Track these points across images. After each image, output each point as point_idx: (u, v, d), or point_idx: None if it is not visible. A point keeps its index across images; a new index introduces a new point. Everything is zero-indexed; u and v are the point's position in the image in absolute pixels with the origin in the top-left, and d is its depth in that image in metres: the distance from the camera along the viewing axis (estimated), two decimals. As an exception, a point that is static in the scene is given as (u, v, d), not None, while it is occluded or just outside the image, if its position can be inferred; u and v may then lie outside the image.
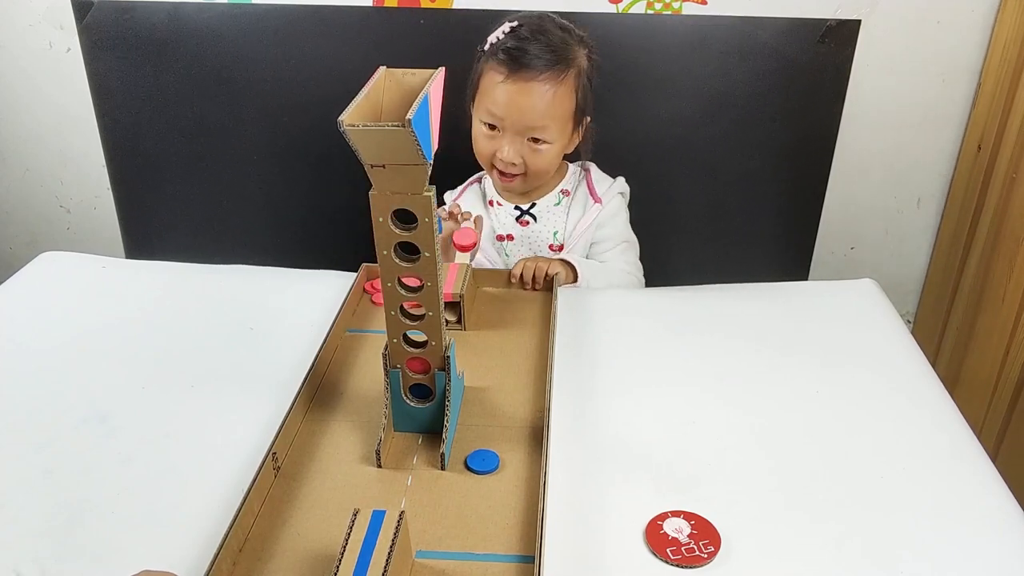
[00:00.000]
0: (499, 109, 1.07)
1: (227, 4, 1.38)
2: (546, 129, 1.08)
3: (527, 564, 0.65)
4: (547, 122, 1.07)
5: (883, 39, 1.44)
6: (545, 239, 1.19)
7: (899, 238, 1.65)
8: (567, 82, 1.07)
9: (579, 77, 1.09)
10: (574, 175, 1.22)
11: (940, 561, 0.67)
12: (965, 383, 1.50)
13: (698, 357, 0.93)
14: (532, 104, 1.05)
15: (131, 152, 1.48)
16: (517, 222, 1.18)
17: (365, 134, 0.62)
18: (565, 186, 1.20)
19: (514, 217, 1.19)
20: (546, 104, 1.06)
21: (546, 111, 1.06)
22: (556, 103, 1.07)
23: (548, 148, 1.10)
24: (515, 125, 1.07)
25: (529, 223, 1.18)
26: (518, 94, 1.05)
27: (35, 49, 1.58)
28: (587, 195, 1.21)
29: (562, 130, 1.10)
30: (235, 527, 0.65)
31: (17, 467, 0.77)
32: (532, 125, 1.07)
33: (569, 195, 1.20)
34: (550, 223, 1.19)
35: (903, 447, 0.80)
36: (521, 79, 1.05)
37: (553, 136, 1.09)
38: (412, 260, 0.70)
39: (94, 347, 0.94)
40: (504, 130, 1.09)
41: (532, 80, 1.04)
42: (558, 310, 0.97)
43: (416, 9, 1.41)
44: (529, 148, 1.09)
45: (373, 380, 0.88)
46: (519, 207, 1.20)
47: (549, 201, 1.19)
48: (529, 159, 1.10)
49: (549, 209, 1.19)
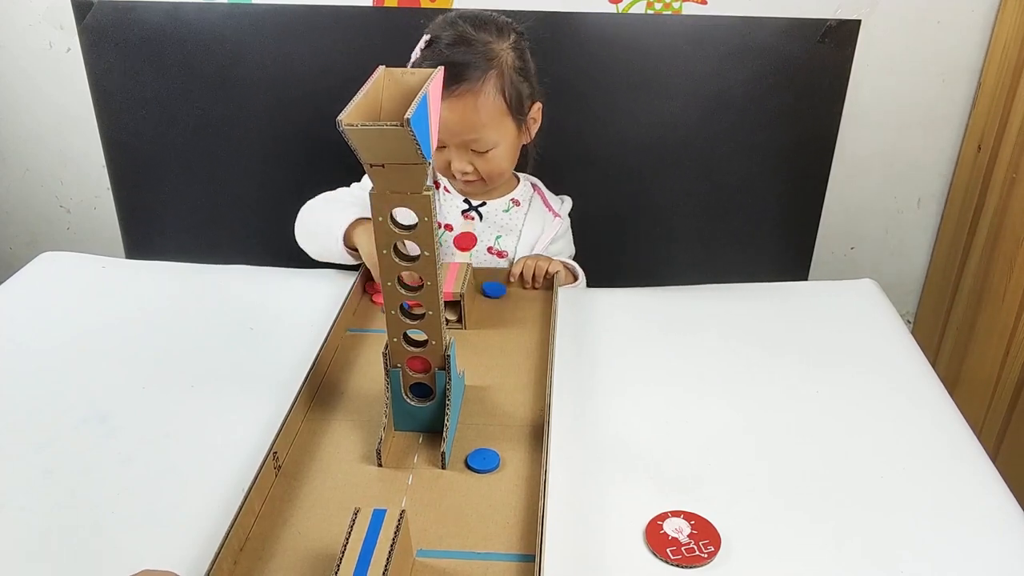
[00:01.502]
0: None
1: (227, 4, 1.38)
2: (482, 138, 1.06)
3: (527, 563, 0.65)
4: (480, 132, 1.06)
5: (883, 39, 1.44)
6: (486, 240, 1.17)
7: (899, 238, 1.65)
8: (488, 86, 1.04)
9: (502, 75, 1.06)
10: (525, 189, 1.21)
11: (940, 561, 0.67)
12: (965, 383, 1.50)
13: (698, 357, 0.93)
14: (459, 118, 1.04)
15: (131, 152, 1.48)
16: (462, 215, 1.17)
17: (364, 134, 0.62)
18: (516, 196, 1.19)
19: (460, 210, 1.18)
20: (472, 115, 1.04)
21: (475, 121, 1.05)
22: (483, 110, 1.05)
23: (495, 152, 1.08)
24: (453, 140, 1.07)
25: (473, 219, 1.18)
26: (445, 112, 1.04)
27: (35, 49, 1.58)
28: (544, 209, 1.20)
29: (501, 131, 1.08)
30: (236, 526, 0.65)
31: (17, 467, 0.77)
32: (467, 138, 1.06)
33: (519, 205, 1.19)
34: (495, 226, 1.17)
35: (903, 447, 0.80)
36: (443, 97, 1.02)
37: (494, 140, 1.07)
38: (412, 259, 0.70)
39: (94, 347, 0.94)
40: (448, 146, 1.08)
41: (452, 96, 1.03)
42: (558, 309, 0.97)
43: (416, 9, 1.41)
44: (477, 157, 1.08)
45: (373, 379, 0.88)
46: (467, 200, 1.18)
47: (498, 206, 1.18)
48: (480, 166, 1.09)
49: (497, 213, 1.18)
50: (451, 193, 1.18)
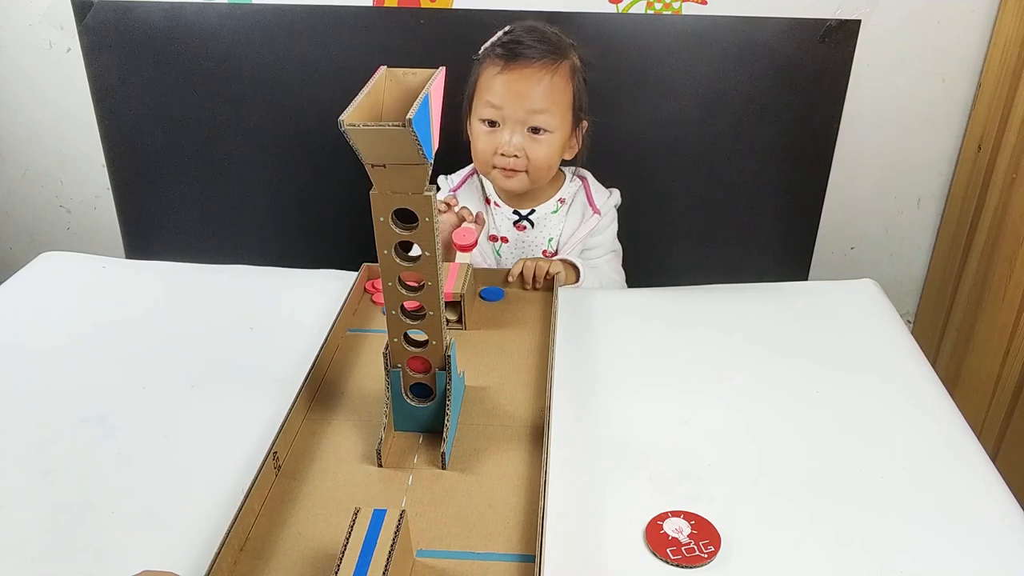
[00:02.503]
0: (498, 98, 1.10)
1: (227, 4, 1.38)
2: (545, 113, 1.09)
3: (527, 563, 0.65)
4: (546, 106, 1.09)
5: (883, 39, 1.44)
6: (540, 245, 1.20)
7: (899, 238, 1.65)
8: (562, 71, 1.10)
9: (574, 72, 1.12)
10: (571, 184, 1.23)
11: (940, 561, 0.67)
12: (965, 383, 1.50)
13: (698, 357, 0.93)
14: (530, 89, 1.08)
15: (131, 152, 1.48)
16: (514, 226, 1.19)
17: (365, 134, 0.62)
18: (562, 195, 1.22)
19: (511, 221, 1.20)
20: (544, 89, 1.09)
21: (544, 95, 1.09)
22: (553, 89, 1.09)
23: (548, 138, 1.11)
24: (515, 112, 1.09)
25: (526, 228, 1.19)
26: (516, 81, 1.08)
27: (35, 49, 1.58)
28: (585, 205, 1.22)
29: (562, 120, 1.11)
30: (236, 526, 0.65)
31: (17, 467, 0.76)
32: (532, 109, 1.09)
33: (565, 203, 1.21)
34: (546, 230, 1.20)
35: (903, 447, 0.80)
36: (518, 67, 1.08)
37: (553, 124, 1.10)
38: (412, 259, 0.70)
39: (94, 347, 0.94)
40: (504, 121, 1.11)
41: (528, 67, 1.08)
42: (558, 310, 0.97)
43: (416, 9, 1.41)
44: (530, 139, 1.11)
45: (374, 379, 0.88)
46: (517, 211, 1.20)
47: (547, 208, 1.20)
48: (530, 150, 1.11)
49: (547, 216, 1.20)
50: (500, 206, 1.21)
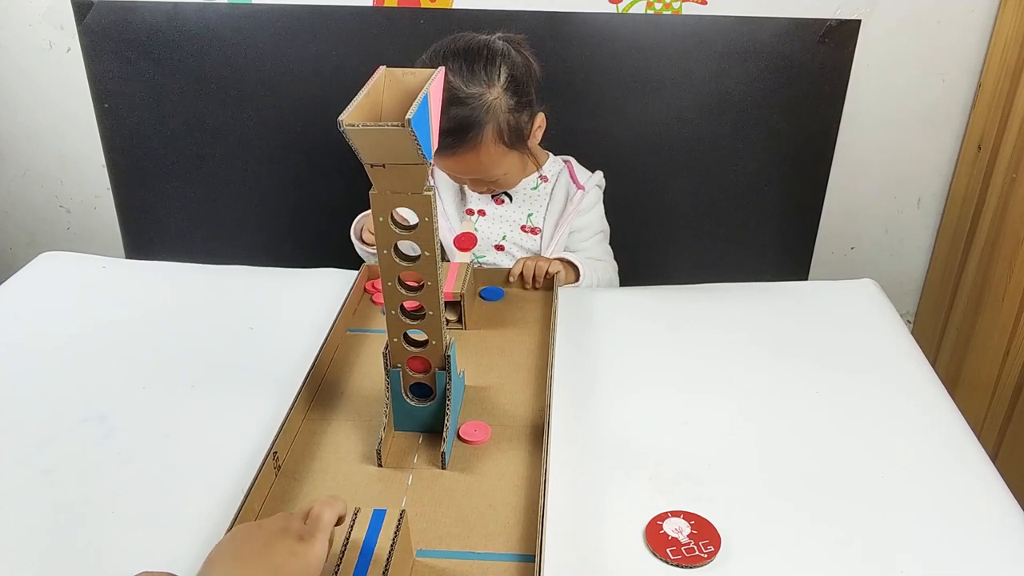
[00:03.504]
0: (445, 171, 1.15)
1: (227, 4, 1.38)
2: (487, 176, 1.12)
3: (527, 563, 0.65)
4: (484, 174, 1.11)
5: (883, 39, 1.44)
6: (518, 220, 1.20)
7: (899, 238, 1.65)
8: (486, 140, 1.05)
9: (497, 124, 1.05)
10: (555, 164, 1.23)
11: (940, 561, 0.67)
12: (965, 383, 1.50)
13: (698, 357, 0.93)
14: (464, 168, 1.10)
15: (131, 152, 1.48)
16: (492, 199, 1.19)
17: (365, 134, 0.62)
18: (544, 172, 1.22)
19: (490, 194, 1.20)
20: (475, 164, 1.08)
21: (478, 167, 1.09)
22: (484, 159, 1.07)
23: (504, 177, 1.14)
24: (461, 181, 1.16)
25: (504, 202, 1.20)
26: (451, 166, 1.11)
27: (35, 49, 1.58)
28: (569, 183, 1.23)
29: (505, 163, 1.11)
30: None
31: (17, 467, 0.77)
32: (476, 179, 1.13)
33: (547, 181, 1.22)
34: (525, 205, 1.21)
35: (903, 447, 0.80)
36: (445, 156, 1.07)
37: (499, 172, 1.12)
38: (412, 259, 0.70)
39: (94, 347, 0.94)
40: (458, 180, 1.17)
41: (453, 156, 1.07)
42: (558, 310, 0.97)
43: (416, 9, 1.41)
44: (488, 184, 1.15)
45: (374, 379, 0.88)
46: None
47: (527, 184, 1.21)
48: (493, 187, 1.16)
49: (526, 192, 1.21)
50: None
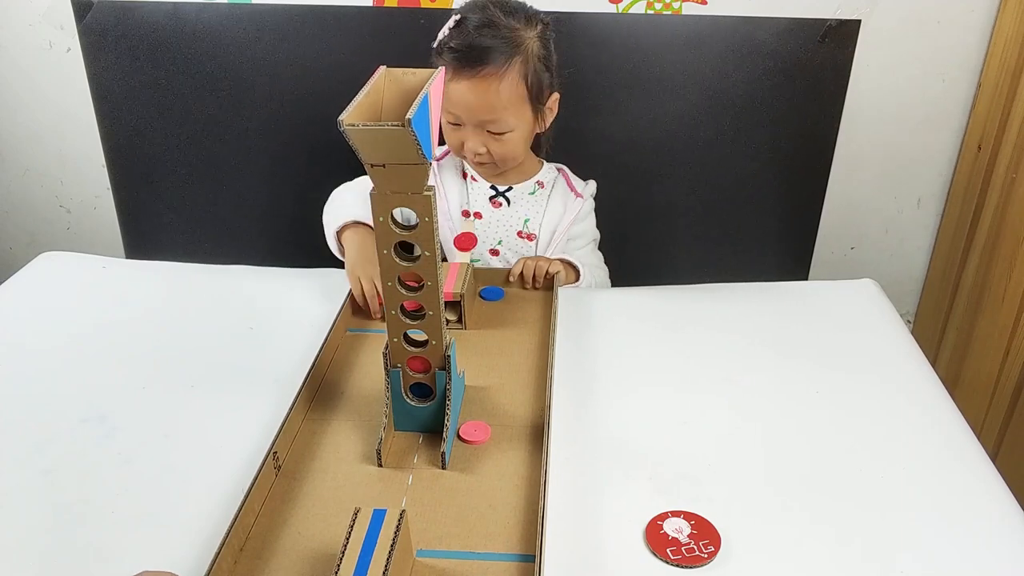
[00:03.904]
0: (453, 106, 1.10)
1: (227, 4, 1.38)
2: (500, 121, 1.09)
3: (527, 563, 0.65)
4: (499, 114, 1.09)
5: (883, 39, 1.44)
6: (514, 224, 1.20)
7: (899, 238, 1.65)
8: (512, 72, 1.07)
9: (527, 62, 1.09)
10: (550, 172, 1.24)
11: (940, 561, 0.67)
12: (965, 383, 1.50)
13: (698, 357, 0.93)
14: (480, 100, 1.07)
15: (131, 152, 1.48)
16: (490, 201, 1.19)
17: (365, 134, 0.62)
18: (541, 178, 1.22)
19: (488, 196, 1.20)
20: (494, 97, 1.07)
21: (495, 104, 1.07)
22: (506, 93, 1.07)
23: (510, 136, 1.11)
24: (471, 120, 1.10)
25: (501, 205, 1.19)
26: (467, 92, 1.07)
27: (35, 49, 1.58)
28: (567, 191, 1.23)
29: (519, 116, 1.10)
30: (236, 526, 0.65)
31: (17, 467, 0.77)
32: (485, 119, 1.09)
33: (544, 187, 1.22)
34: (522, 209, 1.20)
35: (903, 447, 0.80)
36: (466, 77, 1.06)
37: (511, 124, 1.10)
38: (412, 259, 0.70)
39: (94, 347, 0.94)
40: (464, 124, 1.11)
41: (475, 77, 1.06)
42: (558, 310, 0.97)
43: (416, 9, 1.41)
44: (492, 139, 1.11)
45: (374, 379, 0.88)
46: (495, 187, 1.20)
47: (524, 189, 1.21)
48: (494, 148, 1.12)
49: (523, 196, 1.21)
50: (478, 181, 1.20)
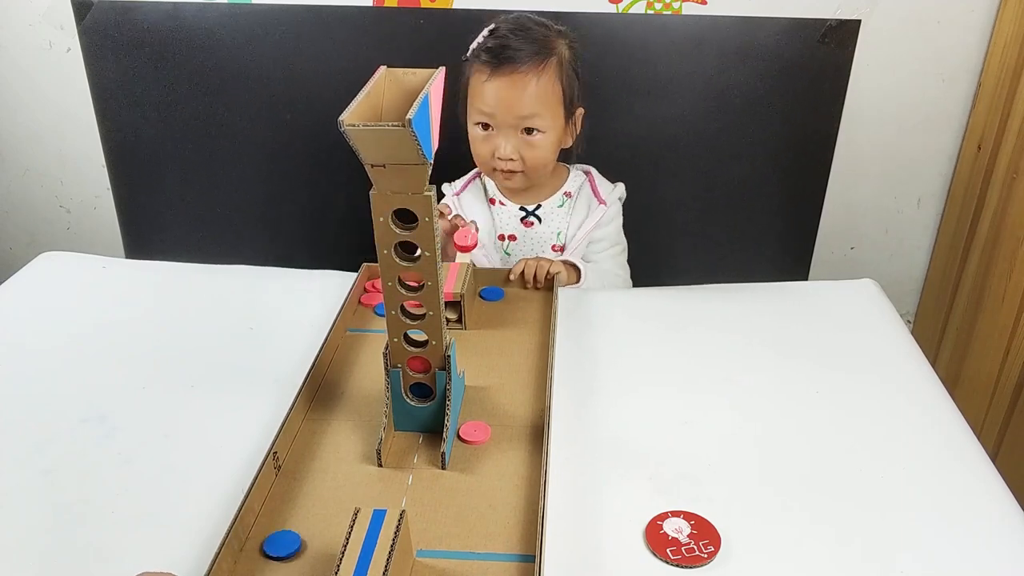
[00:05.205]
0: (488, 106, 1.11)
1: (227, 4, 1.38)
2: (537, 117, 1.10)
3: (527, 564, 0.65)
4: (536, 109, 1.10)
5: (883, 39, 1.44)
6: (548, 240, 1.20)
7: (899, 238, 1.65)
8: (549, 70, 1.10)
9: (562, 66, 1.11)
10: (576, 178, 1.23)
11: (940, 561, 0.67)
12: (965, 383, 1.50)
13: (698, 357, 0.93)
14: (518, 95, 1.09)
15: (131, 152, 1.48)
16: (522, 223, 1.20)
17: (365, 134, 0.62)
18: (568, 188, 1.22)
19: (519, 218, 1.20)
20: (532, 92, 1.09)
21: (533, 99, 1.09)
22: (541, 90, 1.09)
23: (543, 138, 1.12)
24: (506, 118, 1.10)
25: (533, 224, 1.20)
26: (504, 88, 1.09)
27: (35, 49, 1.58)
28: (591, 197, 1.23)
29: (553, 118, 1.12)
30: (236, 526, 0.65)
31: (17, 467, 0.76)
32: (522, 115, 1.10)
33: (572, 197, 1.21)
34: (554, 224, 1.20)
35: (903, 447, 0.80)
36: (504, 73, 1.08)
37: (545, 124, 1.11)
38: (412, 259, 0.70)
39: (94, 347, 0.94)
40: (497, 127, 1.12)
41: (514, 72, 1.08)
42: (558, 310, 0.97)
43: (416, 9, 1.41)
44: (524, 142, 1.12)
45: (374, 379, 0.88)
46: (524, 208, 1.20)
47: (553, 203, 1.21)
48: (526, 153, 1.12)
49: (553, 211, 1.20)
50: (506, 204, 1.21)
